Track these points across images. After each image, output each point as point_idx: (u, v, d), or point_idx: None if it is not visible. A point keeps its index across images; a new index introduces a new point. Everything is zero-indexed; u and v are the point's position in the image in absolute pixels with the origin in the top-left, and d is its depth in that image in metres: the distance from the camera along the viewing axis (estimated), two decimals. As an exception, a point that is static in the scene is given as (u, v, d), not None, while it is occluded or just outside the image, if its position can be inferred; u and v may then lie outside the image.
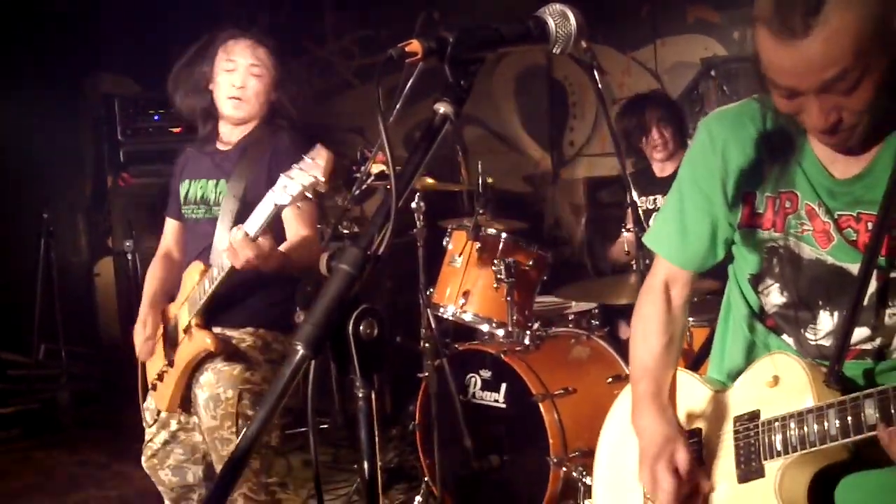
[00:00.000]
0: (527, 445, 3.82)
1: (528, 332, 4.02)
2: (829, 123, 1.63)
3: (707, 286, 3.44)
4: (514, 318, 4.01)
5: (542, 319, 4.28)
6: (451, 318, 4.15)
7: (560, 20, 1.38)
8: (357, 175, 4.44)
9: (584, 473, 3.63)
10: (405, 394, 4.89)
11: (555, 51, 1.40)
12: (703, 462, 1.91)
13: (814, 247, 1.80)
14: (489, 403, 3.95)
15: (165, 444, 3.15)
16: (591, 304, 4.50)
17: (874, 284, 1.75)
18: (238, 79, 3.06)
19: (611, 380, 3.91)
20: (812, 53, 1.55)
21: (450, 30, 1.31)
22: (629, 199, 3.47)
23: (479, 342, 4.23)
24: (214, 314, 2.99)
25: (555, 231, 6.31)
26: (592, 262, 6.04)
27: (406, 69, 1.31)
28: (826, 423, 1.65)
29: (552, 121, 6.31)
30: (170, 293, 3.21)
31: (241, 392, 2.94)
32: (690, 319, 3.56)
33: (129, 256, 6.29)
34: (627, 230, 4.02)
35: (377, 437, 1.30)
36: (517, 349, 3.96)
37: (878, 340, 1.80)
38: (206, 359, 2.98)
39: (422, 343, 4.03)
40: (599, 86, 3.45)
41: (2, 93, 6.41)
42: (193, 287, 3.00)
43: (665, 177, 4.42)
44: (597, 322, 4.36)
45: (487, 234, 4.10)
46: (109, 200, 6.71)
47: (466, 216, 4.45)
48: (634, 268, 3.68)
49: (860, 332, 1.78)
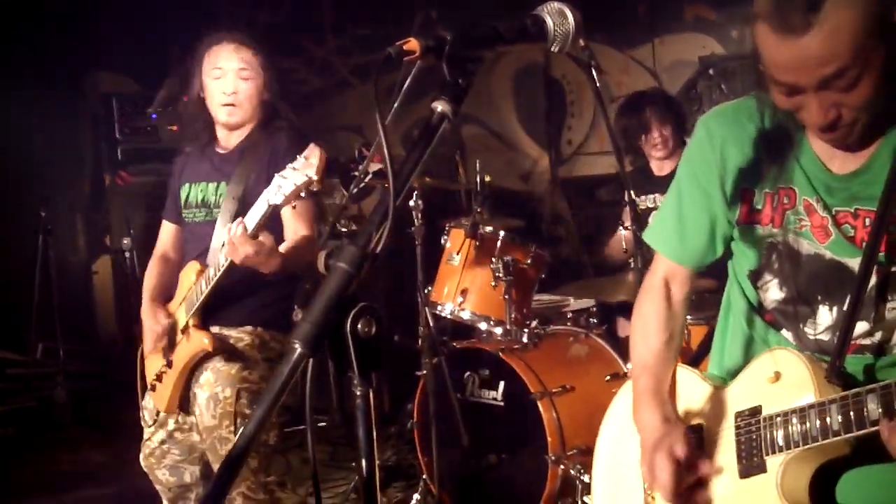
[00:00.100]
0: (525, 443, 3.82)
1: (527, 331, 4.02)
2: (829, 120, 1.63)
3: (704, 285, 3.44)
4: (513, 317, 4.01)
5: (541, 317, 4.27)
6: (450, 317, 4.14)
7: (558, 18, 1.38)
8: (355, 173, 4.45)
9: (583, 471, 3.63)
10: (403, 392, 4.89)
11: (553, 49, 1.40)
12: (704, 457, 1.90)
13: (812, 242, 1.81)
14: (487, 402, 3.95)
15: (162, 444, 3.15)
16: (590, 302, 4.50)
17: (874, 279, 1.75)
18: (228, 85, 3.04)
19: (609, 378, 3.91)
20: (812, 50, 1.55)
21: (448, 28, 1.31)
22: (627, 198, 3.47)
23: (478, 340, 4.23)
24: (212, 313, 2.99)
25: (553, 229, 6.31)
26: (590, 261, 6.05)
27: (404, 68, 1.31)
28: (828, 419, 1.65)
29: (550, 119, 6.31)
30: (168, 293, 3.21)
31: (239, 391, 2.94)
32: (688, 317, 3.56)
33: (127, 255, 6.29)
34: (625, 228, 4.02)
35: (375, 436, 1.30)
36: (515, 347, 3.96)
37: (878, 335, 1.80)
38: (205, 358, 2.98)
39: (420, 341, 4.03)
40: (598, 84, 3.44)
41: (1, 92, 6.41)
42: (190, 287, 3.00)
43: (663, 175, 4.41)
44: (595, 320, 4.36)
45: (485, 233, 4.10)
46: (107, 199, 6.71)
47: (464, 214, 4.45)
48: (632, 266, 3.68)
49: (860, 327, 1.78)
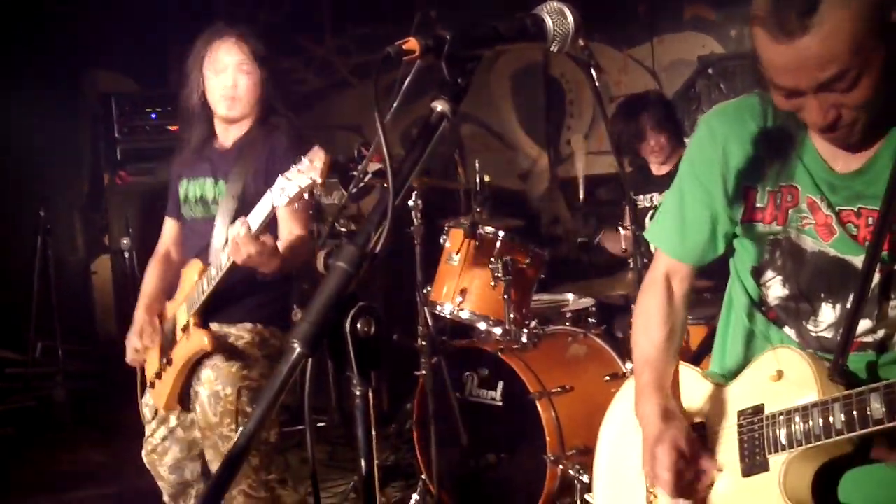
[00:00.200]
0: (524, 443, 3.82)
1: (526, 330, 4.02)
2: (829, 121, 1.63)
3: (701, 284, 3.44)
4: (512, 316, 4.00)
5: (540, 317, 4.26)
6: (449, 316, 4.14)
7: (557, 18, 1.38)
8: (354, 173, 4.45)
9: (581, 471, 3.63)
10: (402, 392, 4.89)
11: (552, 49, 1.40)
12: (708, 453, 1.90)
13: (816, 240, 1.81)
14: (486, 401, 3.95)
15: (164, 440, 3.16)
16: (589, 302, 4.50)
17: (877, 277, 1.75)
18: (228, 79, 3.06)
19: (608, 378, 3.91)
20: (809, 52, 1.55)
21: (447, 28, 1.31)
22: (626, 198, 3.48)
23: (477, 340, 4.23)
24: (212, 310, 3.00)
25: (552, 229, 6.31)
26: (589, 260, 6.04)
27: (403, 67, 1.31)
28: (831, 418, 1.65)
29: (549, 119, 6.31)
30: (168, 293, 3.22)
31: (240, 389, 2.95)
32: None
33: (126, 254, 6.29)
34: (625, 228, 4.02)
35: (374, 435, 1.30)
36: (514, 347, 3.96)
37: (881, 332, 1.80)
38: (205, 356, 2.99)
39: (419, 341, 4.03)
40: (597, 84, 3.45)
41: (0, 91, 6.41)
42: (192, 286, 3.01)
43: (662, 175, 4.41)
44: (594, 320, 4.36)
45: (484, 232, 4.10)
46: (106, 198, 6.70)
47: (463, 214, 4.45)
48: (631, 265, 3.68)
49: (863, 325, 1.78)
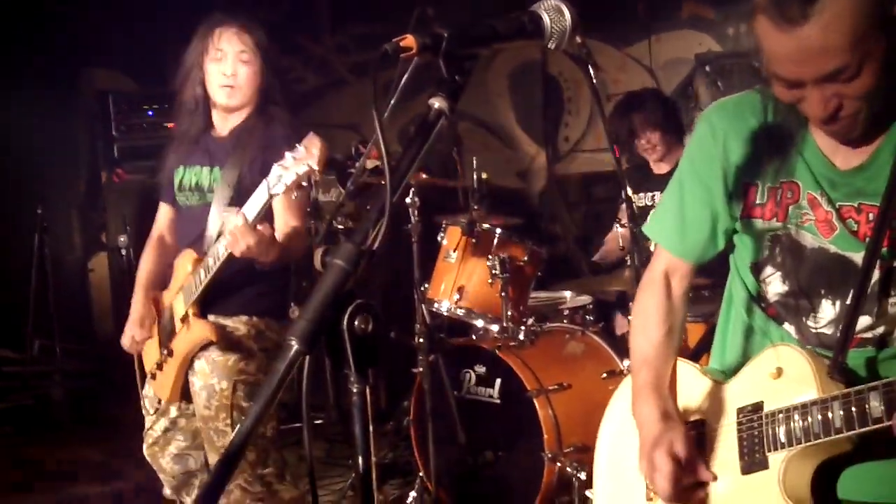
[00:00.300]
0: (521, 441, 3.82)
1: (523, 328, 4.02)
2: (830, 111, 1.62)
3: (699, 282, 3.45)
4: (509, 314, 4.01)
5: (537, 315, 4.27)
6: (446, 314, 4.14)
7: (555, 15, 1.38)
8: (352, 170, 4.45)
9: (579, 469, 3.64)
10: (400, 389, 4.89)
11: (550, 46, 1.40)
12: (705, 453, 1.90)
13: (816, 236, 1.80)
14: (484, 399, 3.95)
15: (166, 432, 3.16)
16: (586, 300, 4.51)
17: (876, 273, 1.75)
18: (228, 67, 3.05)
19: (605, 375, 3.91)
20: (811, 41, 1.54)
21: (445, 25, 1.31)
22: (623, 195, 3.48)
23: (474, 338, 4.23)
24: (208, 302, 2.99)
25: (549, 227, 6.31)
26: (587, 258, 6.05)
27: (401, 65, 1.31)
28: (830, 415, 1.64)
29: (547, 117, 6.31)
30: (163, 279, 3.21)
31: (236, 383, 2.95)
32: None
33: (124, 252, 6.28)
34: (622, 225, 4.02)
35: (372, 433, 1.30)
36: (512, 344, 3.96)
37: (881, 329, 1.79)
38: (202, 347, 2.99)
39: (416, 338, 4.03)
40: (594, 81, 3.45)
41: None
42: (187, 276, 3.00)
43: (662, 174, 4.40)
44: (592, 317, 4.36)
45: (482, 230, 4.10)
46: (104, 196, 6.70)
47: (461, 212, 4.45)
48: (629, 263, 3.68)
49: (862, 321, 1.78)
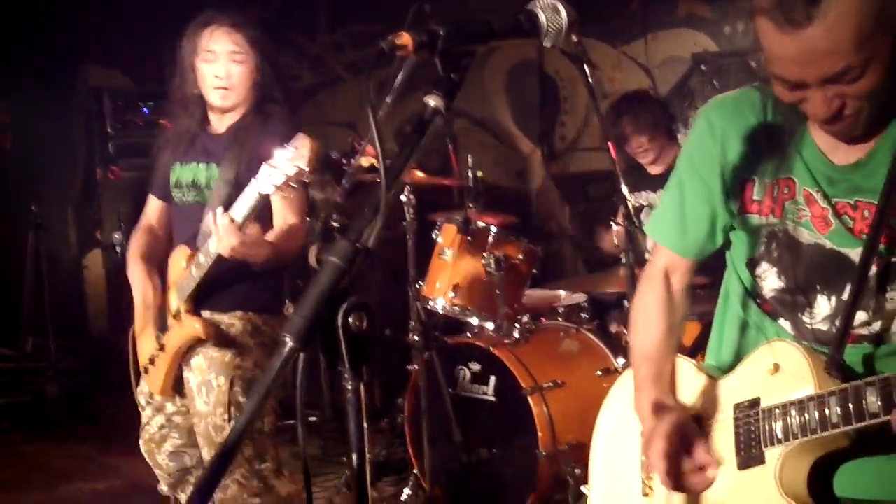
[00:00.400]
0: (516, 438, 3.82)
1: (518, 326, 4.03)
2: (832, 110, 1.62)
3: (696, 281, 3.44)
4: (504, 312, 4.01)
5: (532, 313, 4.28)
6: (441, 311, 4.14)
7: (551, 13, 1.38)
8: (348, 168, 4.44)
9: (574, 466, 3.64)
10: (394, 387, 4.89)
11: (545, 44, 1.40)
12: (706, 443, 1.89)
13: (812, 232, 1.80)
14: (478, 396, 3.95)
15: (161, 428, 3.16)
16: (581, 298, 4.51)
17: (873, 269, 1.74)
18: (220, 69, 3.02)
19: (600, 373, 3.92)
20: (815, 42, 1.54)
21: (441, 23, 1.31)
22: (619, 194, 3.48)
23: (469, 335, 4.23)
24: (203, 298, 2.98)
25: (545, 225, 6.32)
26: (582, 257, 6.05)
27: (397, 63, 1.31)
28: (827, 411, 1.64)
29: (543, 115, 6.31)
30: (154, 260, 3.18)
31: (233, 379, 2.95)
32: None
33: (119, 249, 6.27)
34: (617, 224, 4.01)
35: (366, 430, 1.30)
36: (506, 342, 3.96)
37: (877, 325, 1.79)
38: (198, 343, 2.98)
39: (411, 336, 4.03)
40: (590, 80, 3.45)
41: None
42: (181, 272, 3.00)
43: (657, 174, 4.39)
44: (586, 315, 4.36)
45: (477, 228, 4.10)
46: (99, 193, 6.69)
47: (457, 209, 4.45)
48: (624, 262, 3.68)
49: (859, 317, 1.78)
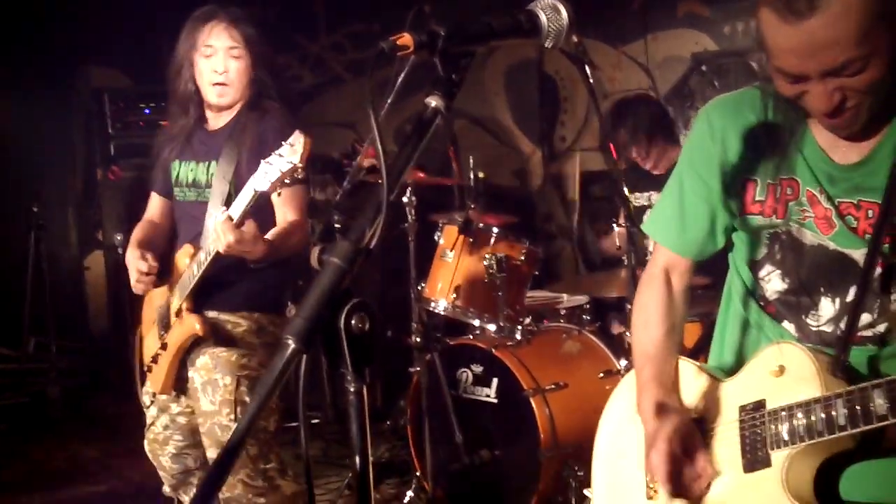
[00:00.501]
0: (518, 440, 3.82)
1: (520, 327, 4.02)
2: (834, 104, 1.62)
3: (697, 281, 3.44)
4: (506, 313, 4.01)
5: (534, 314, 4.27)
6: (443, 313, 4.14)
7: (551, 13, 1.38)
8: (348, 169, 4.44)
9: (575, 468, 3.64)
10: (396, 388, 4.89)
11: (546, 45, 1.40)
12: (706, 451, 1.88)
13: (816, 233, 1.79)
14: (480, 398, 3.95)
15: (166, 429, 3.16)
16: (583, 299, 4.50)
17: (877, 271, 1.74)
18: (219, 64, 3.01)
19: (602, 375, 3.91)
20: (818, 34, 1.54)
21: (441, 23, 1.31)
22: (620, 195, 3.47)
23: (471, 337, 4.23)
24: (209, 297, 2.99)
25: (546, 225, 6.31)
26: (584, 257, 6.05)
27: (397, 63, 1.31)
28: (834, 413, 1.64)
29: (543, 115, 6.31)
30: (156, 248, 3.18)
31: (239, 378, 2.95)
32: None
33: (120, 250, 6.26)
34: (619, 225, 4.01)
35: (368, 432, 1.30)
36: (508, 344, 3.96)
37: (882, 326, 1.78)
38: (203, 343, 2.98)
39: (413, 338, 4.03)
40: (591, 80, 3.44)
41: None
42: (183, 270, 3.00)
43: (659, 175, 4.38)
44: (588, 317, 4.36)
45: (478, 229, 4.10)
46: (99, 194, 6.69)
47: (458, 211, 4.45)
48: (626, 263, 3.68)
49: (863, 318, 1.77)
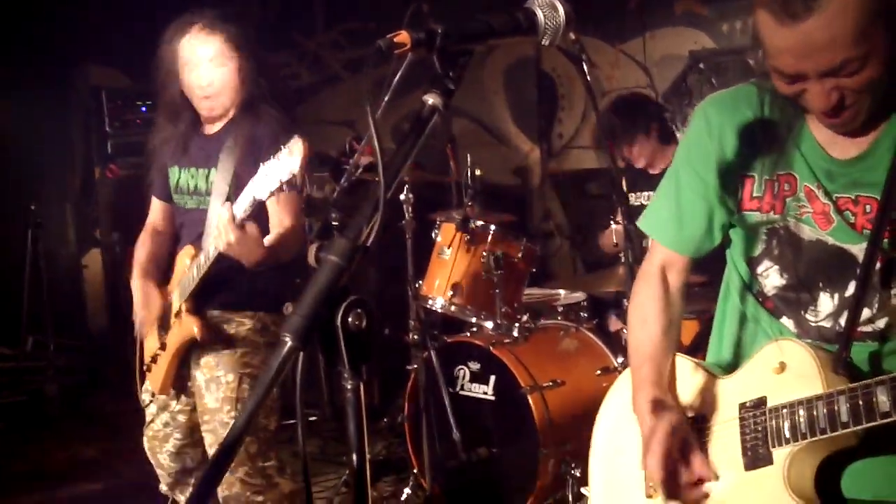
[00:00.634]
0: (515, 437, 3.82)
1: (517, 325, 4.02)
2: (832, 103, 1.62)
3: (694, 279, 3.44)
4: (503, 311, 4.01)
5: (531, 312, 4.27)
6: (440, 311, 4.14)
7: (549, 11, 1.38)
8: (346, 167, 4.44)
9: (573, 465, 3.64)
10: (394, 386, 4.89)
11: (543, 42, 1.39)
12: (706, 449, 1.88)
13: (814, 228, 1.79)
14: (478, 395, 3.95)
15: (165, 426, 3.17)
16: (580, 297, 4.51)
17: (877, 266, 1.73)
18: (202, 77, 2.97)
19: (599, 372, 3.91)
20: (815, 35, 1.54)
21: (439, 21, 1.31)
22: (618, 193, 3.47)
23: (468, 334, 4.23)
24: (212, 296, 2.99)
25: (543, 223, 6.32)
26: (581, 255, 6.05)
27: (395, 61, 1.31)
28: (837, 410, 1.63)
29: (541, 113, 6.31)
30: (159, 266, 3.19)
31: (241, 377, 2.96)
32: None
33: (117, 248, 6.28)
34: (616, 223, 4.01)
35: (365, 429, 1.30)
36: (506, 341, 3.96)
37: (882, 322, 1.78)
38: (195, 342, 2.98)
39: (410, 335, 4.03)
40: (588, 78, 3.44)
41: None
42: (184, 271, 3.01)
43: (656, 173, 4.38)
44: (585, 314, 4.36)
45: (476, 227, 4.10)
46: (97, 192, 6.69)
47: (455, 208, 4.44)
48: (623, 260, 3.68)
49: (863, 314, 1.77)
